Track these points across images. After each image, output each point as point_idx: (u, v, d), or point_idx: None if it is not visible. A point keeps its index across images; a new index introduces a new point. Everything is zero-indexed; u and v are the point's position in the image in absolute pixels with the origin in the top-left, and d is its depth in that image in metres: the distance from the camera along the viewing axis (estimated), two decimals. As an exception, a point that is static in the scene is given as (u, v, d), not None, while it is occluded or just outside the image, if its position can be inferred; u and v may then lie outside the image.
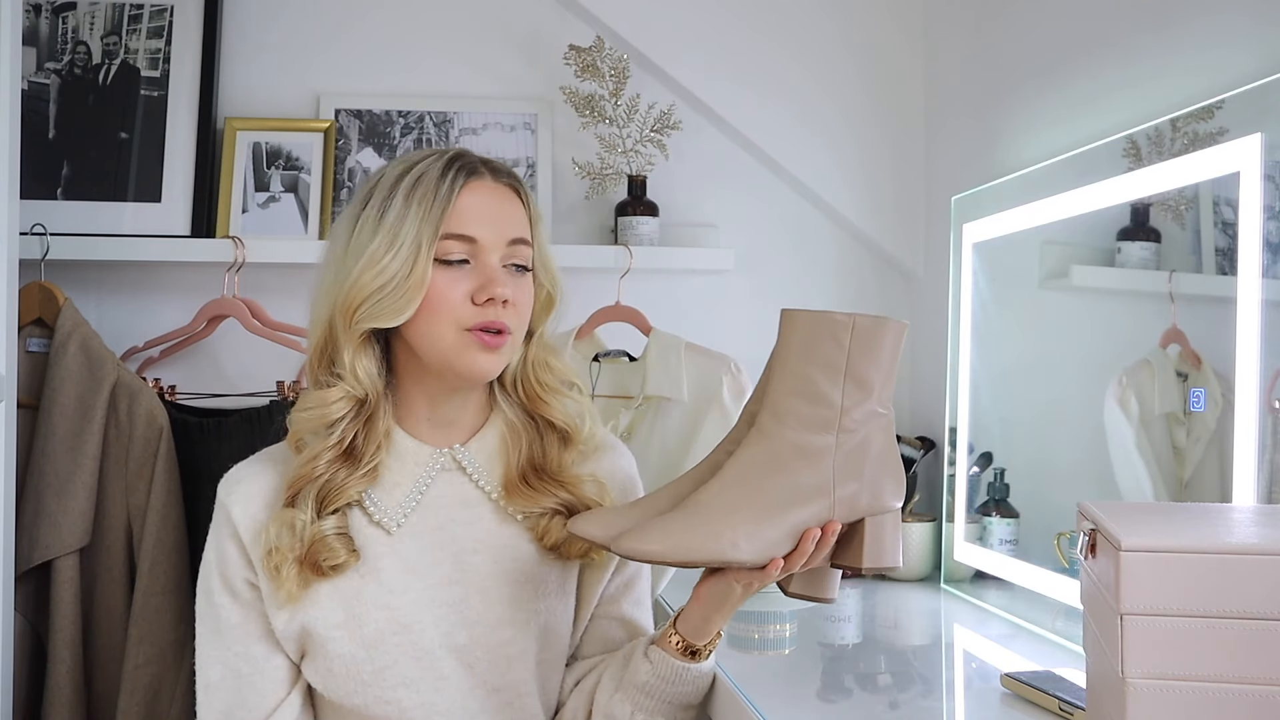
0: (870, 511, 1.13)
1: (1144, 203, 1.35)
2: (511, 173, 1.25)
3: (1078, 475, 1.49)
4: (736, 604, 1.16)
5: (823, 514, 1.11)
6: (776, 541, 1.09)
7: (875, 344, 1.11)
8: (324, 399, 1.19)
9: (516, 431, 1.26)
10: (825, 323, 1.11)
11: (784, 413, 1.12)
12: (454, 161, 1.21)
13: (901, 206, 2.10)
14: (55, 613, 1.65)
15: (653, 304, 1.94)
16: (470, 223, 1.18)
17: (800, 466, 1.11)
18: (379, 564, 1.20)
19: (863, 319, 1.11)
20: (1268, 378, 1.12)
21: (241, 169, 1.98)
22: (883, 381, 1.13)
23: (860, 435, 1.12)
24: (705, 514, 1.09)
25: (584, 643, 1.30)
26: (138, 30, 1.99)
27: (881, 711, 1.21)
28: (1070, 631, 1.38)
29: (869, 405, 1.13)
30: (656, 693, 1.19)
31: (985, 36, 1.86)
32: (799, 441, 1.11)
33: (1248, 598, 0.74)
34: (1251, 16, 1.25)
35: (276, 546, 1.16)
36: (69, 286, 1.80)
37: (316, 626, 1.18)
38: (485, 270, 1.18)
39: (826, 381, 1.11)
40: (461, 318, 1.17)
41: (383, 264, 1.15)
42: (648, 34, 2.04)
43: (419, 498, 1.23)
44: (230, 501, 1.21)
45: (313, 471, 1.18)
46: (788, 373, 1.12)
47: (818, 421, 1.11)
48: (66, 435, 1.68)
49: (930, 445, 1.95)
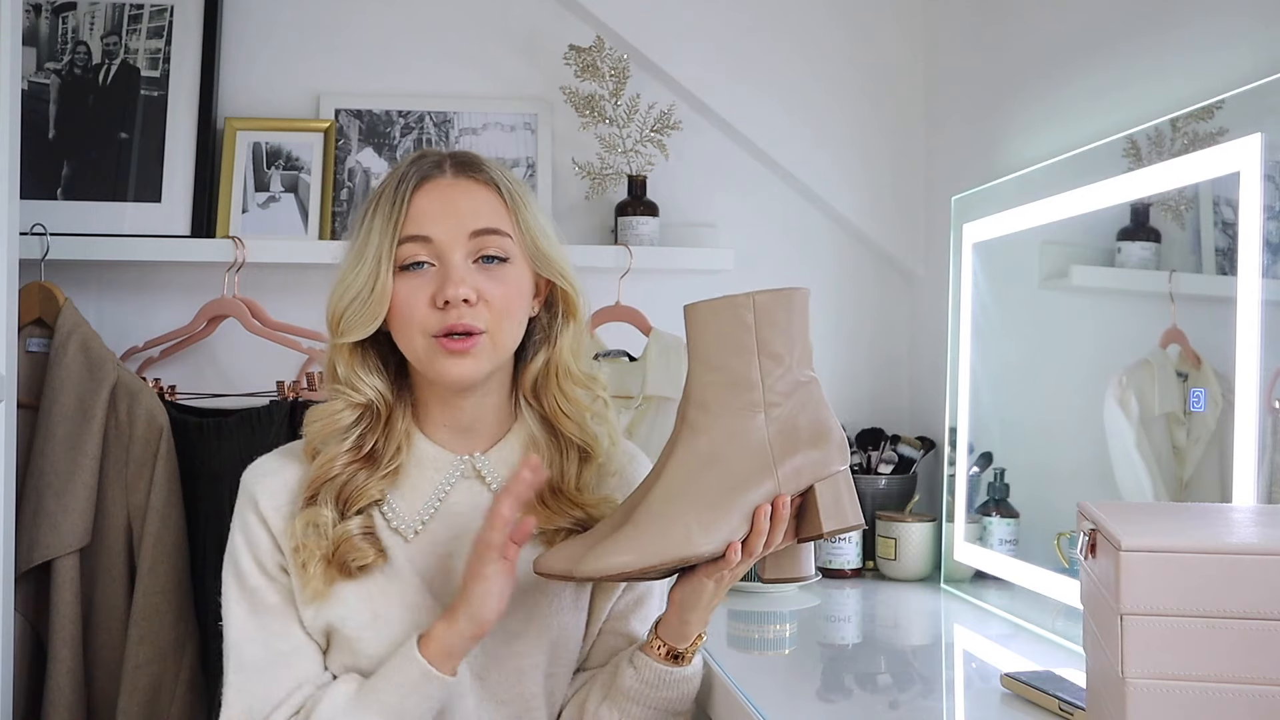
0: (817, 478, 1.14)
1: (1144, 203, 1.35)
2: (488, 168, 1.22)
3: (1078, 475, 1.49)
4: (711, 602, 1.16)
5: (770, 492, 1.12)
6: (732, 528, 1.10)
7: (780, 316, 1.13)
8: (330, 411, 1.20)
9: (539, 445, 1.25)
10: (727, 308, 1.13)
11: (709, 404, 1.13)
12: (414, 164, 1.20)
13: (901, 206, 2.10)
14: (55, 613, 1.65)
15: (653, 304, 1.94)
16: (425, 222, 1.17)
17: (736, 452, 1.11)
18: (400, 568, 1.20)
19: (761, 295, 1.12)
20: (1268, 378, 1.12)
21: (241, 169, 1.98)
22: (799, 351, 1.14)
23: (788, 407, 1.13)
24: (656, 519, 1.10)
25: (590, 656, 1.30)
26: (138, 30, 1.99)
27: (881, 711, 1.21)
28: (1070, 631, 1.38)
29: (790, 376, 1.13)
30: (643, 699, 1.19)
31: (985, 37, 1.86)
32: (730, 428, 1.12)
33: (1248, 598, 0.74)
34: (1251, 17, 1.25)
35: (304, 543, 1.16)
36: (69, 286, 1.80)
37: (345, 626, 1.18)
38: (444, 270, 1.16)
39: (741, 363, 1.12)
40: (426, 325, 1.16)
41: (349, 279, 1.17)
42: (648, 34, 2.04)
43: (437, 505, 1.22)
44: (257, 491, 1.21)
45: (329, 472, 1.18)
46: (703, 364, 1.13)
47: (743, 404, 1.12)
48: (66, 435, 1.68)
49: (930, 445, 1.95)
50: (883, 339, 2.15)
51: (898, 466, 1.93)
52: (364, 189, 2.02)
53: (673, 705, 1.20)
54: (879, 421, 2.07)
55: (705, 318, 1.13)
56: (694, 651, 1.20)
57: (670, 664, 1.19)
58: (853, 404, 2.12)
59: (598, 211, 2.07)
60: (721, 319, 1.12)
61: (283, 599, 1.20)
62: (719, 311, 1.13)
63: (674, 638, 1.18)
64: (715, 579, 1.13)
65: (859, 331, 2.14)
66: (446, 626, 1.13)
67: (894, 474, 1.93)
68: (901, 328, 2.15)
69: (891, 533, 1.82)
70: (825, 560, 1.83)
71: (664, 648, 1.19)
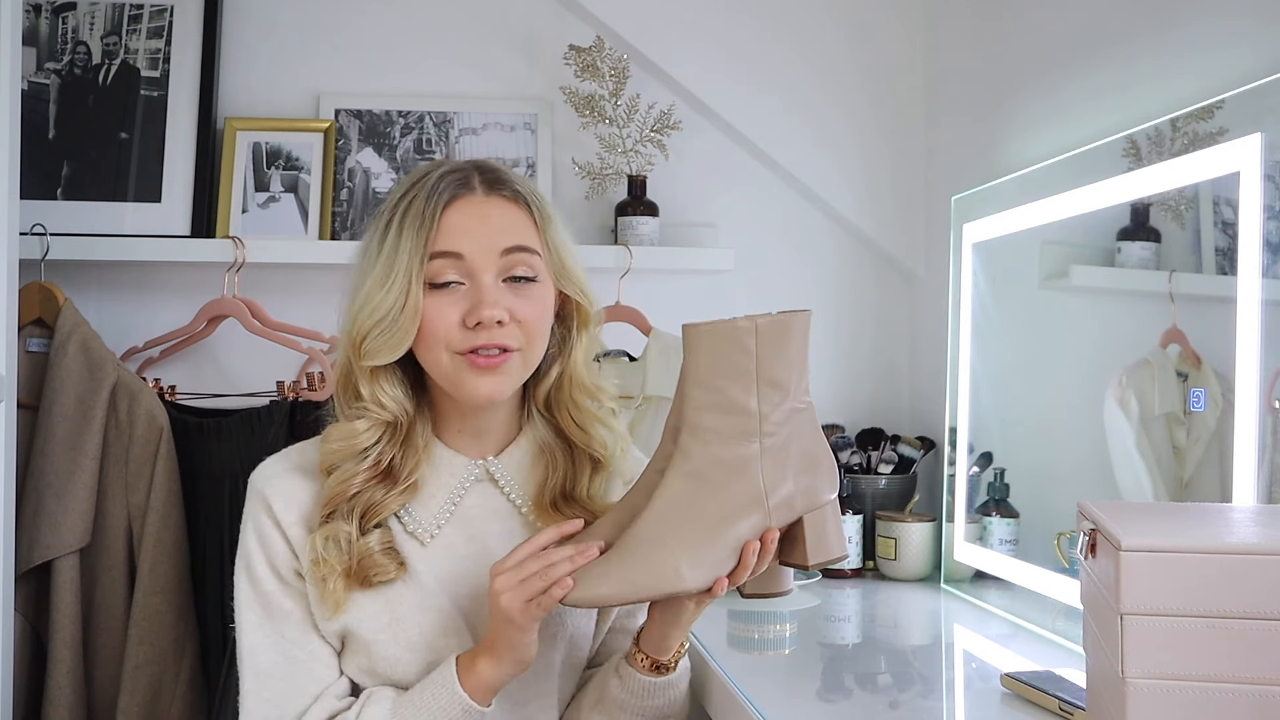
0: (808, 508, 1.12)
1: (1144, 203, 1.35)
2: (516, 184, 1.20)
3: (1078, 475, 1.49)
4: (691, 619, 1.17)
5: (759, 524, 1.10)
6: (720, 561, 1.08)
7: (782, 342, 1.09)
8: (352, 431, 1.18)
9: (550, 451, 1.25)
10: (728, 332, 1.08)
11: (702, 429, 1.09)
12: (443, 179, 1.18)
13: (901, 206, 2.10)
14: (55, 613, 1.65)
15: (653, 304, 1.94)
16: (455, 238, 1.15)
17: (729, 481, 1.09)
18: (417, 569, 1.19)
19: (764, 320, 1.08)
20: (1268, 378, 1.12)
21: (241, 169, 1.98)
22: (797, 377, 1.11)
23: (783, 436, 1.10)
24: (644, 549, 1.08)
25: (597, 655, 1.30)
26: (138, 30, 1.99)
27: (881, 711, 1.21)
28: (1070, 631, 1.38)
29: (787, 404, 1.10)
30: (629, 707, 1.20)
31: (985, 36, 1.86)
32: (722, 456, 1.09)
33: (1248, 598, 0.74)
34: (1251, 17, 1.25)
35: (324, 558, 1.15)
36: (69, 286, 1.80)
37: (361, 629, 1.17)
38: (476, 291, 1.15)
39: (740, 390, 1.09)
40: (453, 343, 1.15)
41: (376, 299, 1.14)
42: (648, 34, 2.04)
43: (453, 509, 1.22)
44: (270, 494, 1.19)
45: (347, 490, 1.16)
46: (699, 387, 1.10)
47: (737, 432, 1.09)
48: (66, 435, 1.68)
49: (930, 445, 1.95)
50: (883, 339, 2.15)
51: (898, 466, 1.93)
52: (364, 189, 2.02)
53: (659, 712, 1.22)
54: (879, 421, 2.07)
55: (705, 340, 1.09)
56: (677, 660, 1.21)
57: (654, 674, 1.19)
58: (853, 404, 2.12)
59: (598, 211, 2.07)
60: (722, 343, 1.08)
61: (297, 604, 1.19)
62: (720, 335, 1.08)
63: (655, 650, 1.19)
64: (696, 602, 1.14)
65: (859, 331, 2.14)
66: (491, 666, 1.12)
67: (894, 474, 1.93)
68: (901, 328, 2.15)
69: (891, 533, 1.82)
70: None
71: (647, 660, 1.19)
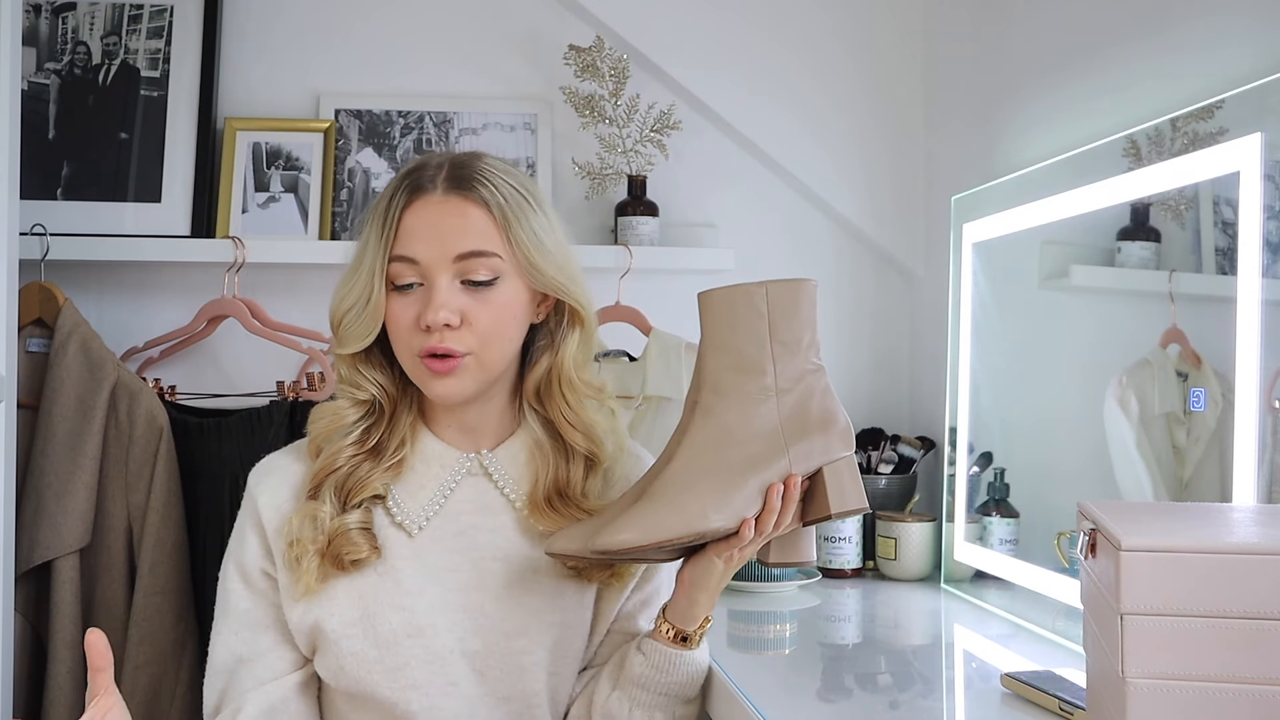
0: (824, 462, 1.16)
1: (1144, 203, 1.35)
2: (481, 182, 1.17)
3: (1078, 475, 1.49)
4: (719, 581, 1.17)
5: (783, 471, 1.14)
6: (745, 503, 1.13)
7: (792, 305, 1.16)
8: (335, 409, 1.22)
9: (544, 449, 1.25)
10: (741, 295, 1.16)
11: (723, 387, 1.16)
12: (406, 177, 1.19)
13: (901, 206, 2.10)
14: (55, 613, 1.65)
15: (653, 304, 1.94)
16: (411, 242, 1.17)
17: (750, 435, 1.14)
18: (398, 565, 1.20)
19: (774, 284, 1.16)
20: (1268, 378, 1.11)
21: (241, 169, 1.98)
22: (808, 339, 1.17)
23: (797, 393, 1.16)
24: (670, 494, 1.12)
25: (597, 655, 1.30)
26: (138, 30, 1.99)
27: (881, 711, 1.21)
28: (1070, 631, 1.38)
29: (799, 363, 1.17)
30: (651, 684, 1.19)
31: (985, 36, 1.86)
32: (744, 412, 1.15)
33: (1248, 598, 0.74)
34: (1251, 17, 1.25)
35: (299, 538, 1.18)
36: (69, 286, 1.80)
37: (330, 623, 1.18)
38: (429, 293, 1.16)
39: (755, 349, 1.15)
40: (412, 344, 1.18)
41: (345, 288, 1.19)
42: (648, 34, 2.04)
43: (442, 501, 1.23)
44: (258, 491, 1.23)
45: (333, 464, 1.20)
46: (717, 349, 1.17)
47: (756, 389, 1.15)
48: (66, 435, 1.68)
49: (930, 445, 1.95)
50: (883, 339, 2.15)
51: (898, 466, 1.93)
52: (364, 189, 2.02)
53: (681, 690, 1.21)
54: (879, 421, 2.07)
55: (719, 304, 1.16)
56: (701, 635, 1.21)
57: (678, 646, 1.20)
58: (853, 404, 2.11)
59: (598, 211, 2.07)
60: (736, 306, 1.16)
61: (256, 605, 1.22)
62: (733, 298, 1.16)
63: (681, 619, 1.19)
64: (725, 558, 1.15)
65: (859, 331, 2.14)
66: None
67: (894, 474, 1.93)
68: (901, 327, 2.15)
69: (891, 533, 1.82)
70: (825, 560, 1.83)
71: (671, 630, 1.20)
